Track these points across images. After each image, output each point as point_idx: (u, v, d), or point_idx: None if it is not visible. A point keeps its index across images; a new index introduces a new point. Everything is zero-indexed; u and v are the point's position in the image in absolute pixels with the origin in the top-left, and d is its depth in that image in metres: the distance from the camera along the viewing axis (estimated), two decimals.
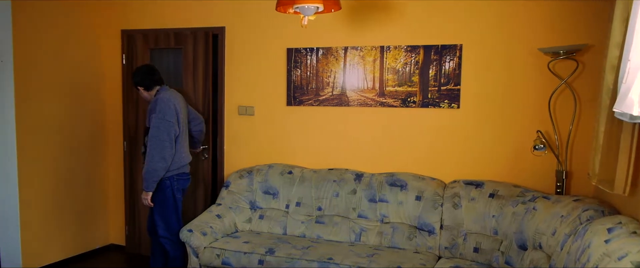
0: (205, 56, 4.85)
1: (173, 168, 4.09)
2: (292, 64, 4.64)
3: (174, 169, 4.10)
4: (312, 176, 4.43)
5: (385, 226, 4.13)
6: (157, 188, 4.09)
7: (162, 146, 3.97)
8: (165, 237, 4.15)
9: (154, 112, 3.99)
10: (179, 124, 4.07)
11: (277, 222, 4.39)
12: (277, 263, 3.79)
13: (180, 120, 4.10)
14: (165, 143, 3.97)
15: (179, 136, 4.09)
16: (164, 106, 4.00)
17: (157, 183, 4.05)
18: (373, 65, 4.41)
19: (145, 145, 4.12)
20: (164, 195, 4.12)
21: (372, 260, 3.66)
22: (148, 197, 4.06)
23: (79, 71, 5.00)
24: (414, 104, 4.31)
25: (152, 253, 4.35)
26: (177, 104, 4.09)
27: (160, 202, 4.13)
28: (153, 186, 4.04)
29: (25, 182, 4.53)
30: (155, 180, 4.02)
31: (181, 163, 4.14)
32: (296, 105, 4.66)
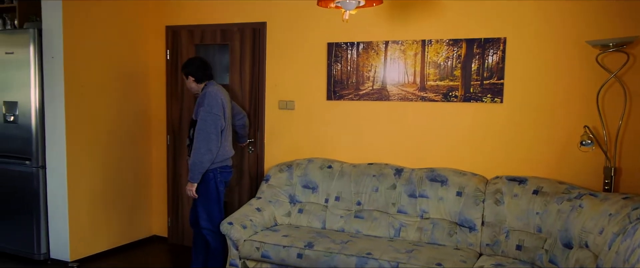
0: (252, 52, 4.83)
1: (217, 160, 4.08)
2: (333, 58, 4.57)
3: (218, 162, 4.09)
4: (351, 171, 4.36)
5: (425, 222, 4.02)
6: (201, 180, 4.09)
7: (209, 139, 3.97)
8: (207, 229, 4.15)
9: (203, 105, 4.00)
10: (224, 118, 4.07)
11: (316, 216, 4.33)
12: (315, 257, 3.73)
13: (226, 115, 4.10)
14: (211, 136, 3.97)
15: (224, 130, 4.09)
16: (211, 100, 4.01)
17: (202, 175, 4.06)
18: (414, 59, 4.30)
19: (190, 138, 4.12)
20: (207, 187, 4.12)
21: (411, 256, 3.56)
22: (193, 188, 4.06)
23: (124, 67, 5.04)
24: (456, 98, 4.18)
25: (193, 245, 4.35)
26: (223, 98, 4.09)
27: (203, 193, 4.12)
28: (198, 177, 4.04)
29: (73, 175, 4.60)
30: (200, 172, 4.02)
31: (225, 156, 4.13)
32: (336, 99, 4.58)
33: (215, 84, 4.22)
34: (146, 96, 5.31)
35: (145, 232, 5.42)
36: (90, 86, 4.71)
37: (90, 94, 4.71)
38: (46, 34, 4.55)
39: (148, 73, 5.31)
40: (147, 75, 5.31)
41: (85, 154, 4.70)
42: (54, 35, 4.50)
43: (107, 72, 4.86)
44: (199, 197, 4.14)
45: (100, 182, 4.86)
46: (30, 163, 4.66)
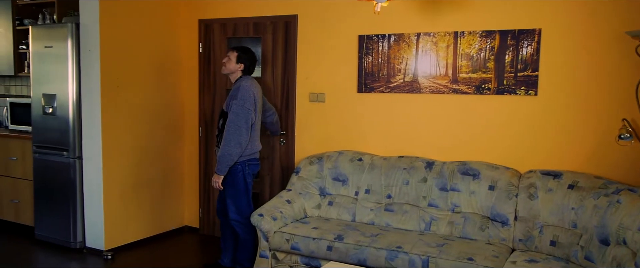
0: (284, 44, 4.78)
1: (246, 154, 4.04)
2: (364, 50, 4.47)
3: (247, 155, 4.05)
4: (382, 163, 4.26)
5: (456, 216, 3.90)
6: (229, 173, 4.06)
7: (239, 132, 3.93)
8: (236, 220, 4.11)
9: (235, 99, 3.96)
10: (255, 113, 4.03)
11: (346, 208, 4.25)
12: (345, 250, 3.66)
13: (257, 109, 4.06)
14: (242, 129, 3.93)
15: (254, 124, 4.05)
16: (245, 94, 3.97)
17: (229, 167, 4.02)
18: (446, 52, 4.17)
19: (220, 129, 4.10)
20: (235, 179, 4.08)
21: (442, 251, 3.46)
22: (219, 180, 4.04)
23: (158, 60, 5.04)
24: (489, 90, 4.04)
25: (222, 236, 4.34)
26: (255, 92, 4.05)
27: (232, 186, 4.09)
28: (225, 170, 4.01)
29: (108, 166, 4.61)
30: (228, 165, 3.98)
31: (253, 150, 4.10)
32: (367, 92, 4.49)
33: (251, 77, 4.18)
34: (179, 88, 5.30)
35: (177, 222, 5.42)
36: (125, 79, 4.72)
37: (125, 86, 4.72)
38: (83, 28, 4.57)
39: (181, 66, 5.30)
40: (180, 68, 5.30)
41: (119, 145, 4.71)
42: (91, 29, 4.52)
43: (141, 65, 4.86)
44: (228, 190, 4.11)
45: (134, 173, 4.87)
46: (68, 154, 4.70)
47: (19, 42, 5.69)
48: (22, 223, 5.24)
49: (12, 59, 5.70)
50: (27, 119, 5.23)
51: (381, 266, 3.52)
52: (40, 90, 4.85)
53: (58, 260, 4.53)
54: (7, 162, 5.29)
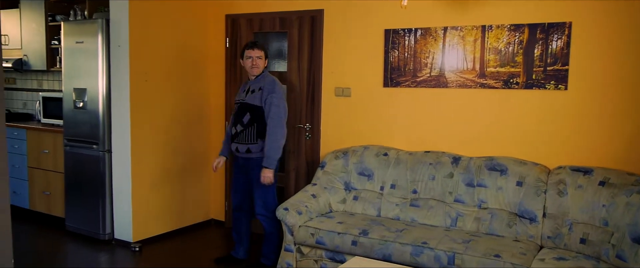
0: (310, 39, 4.73)
1: None
2: (390, 45, 4.39)
3: None
4: (407, 158, 4.17)
5: (483, 212, 3.80)
6: (255, 170, 4.02)
7: (282, 125, 3.96)
8: (263, 215, 4.09)
9: (274, 92, 3.95)
10: None
11: (371, 203, 4.17)
12: (370, 245, 3.59)
13: None
14: (283, 121, 3.96)
15: None
16: (280, 88, 3.99)
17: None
18: (473, 46, 4.06)
19: (244, 124, 4.06)
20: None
21: (468, 247, 3.36)
22: (271, 174, 3.97)
23: (185, 54, 5.03)
24: (517, 85, 3.92)
25: (235, 228, 4.34)
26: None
27: (260, 182, 4.03)
28: (275, 163, 3.98)
29: (136, 159, 4.62)
30: (277, 158, 3.97)
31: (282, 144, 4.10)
32: (393, 86, 4.40)
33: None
34: (206, 83, 5.28)
35: (203, 215, 5.41)
36: (153, 73, 4.72)
37: (153, 80, 4.72)
38: (113, 24, 4.58)
39: (208, 60, 5.28)
40: (207, 62, 5.28)
41: (147, 139, 4.72)
42: (121, 25, 4.52)
43: (169, 59, 4.86)
44: (256, 185, 4.06)
45: (162, 167, 4.88)
46: (98, 147, 4.72)
47: (51, 38, 5.74)
48: (53, 215, 5.29)
49: (45, 54, 5.76)
50: (59, 112, 5.28)
51: (406, 261, 3.44)
52: (71, 85, 4.88)
53: (88, 251, 4.56)
54: (39, 155, 5.35)
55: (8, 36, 6.02)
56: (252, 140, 4.04)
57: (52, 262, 4.36)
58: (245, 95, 4.10)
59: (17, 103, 6.58)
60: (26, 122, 5.80)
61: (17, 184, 5.50)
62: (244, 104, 4.08)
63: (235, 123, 4.13)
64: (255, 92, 4.04)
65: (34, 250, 4.63)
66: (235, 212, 4.33)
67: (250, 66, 4.07)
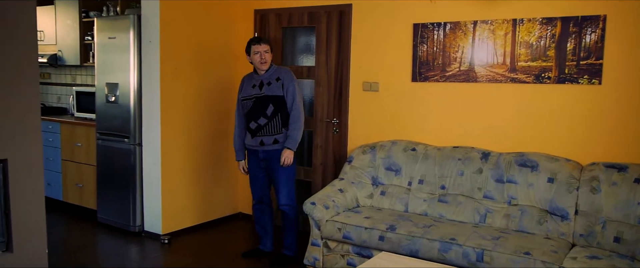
0: (338, 33, 4.67)
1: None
2: (418, 39, 4.30)
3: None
4: (436, 154, 4.09)
5: (512, 208, 3.69)
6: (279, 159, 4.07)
7: (303, 111, 4.07)
8: (288, 205, 4.13)
9: (293, 81, 4.05)
10: None
11: (399, 198, 4.10)
12: (397, 240, 3.52)
13: None
14: (303, 108, 4.08)
15: None
16: (295, 78, 4.08)
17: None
18: (504, 40, 3.95)
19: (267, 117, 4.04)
20: (293, 167, 4.15)
21: (497, 244, 3.27)
22: (292, 155, 4.07)
23: (214, 49, 5.02)
24: (549, 79, 3.80)
25: (258, 222, 4.35)
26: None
27: (287, 172, 4.12)
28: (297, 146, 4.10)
29: (166, 153, 4.64)
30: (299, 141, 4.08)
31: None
32: (421, 81, 4.32)
33: None
34: (234, 78, 5.26)
35: (231, 209, 5.40)
36: (183, 68, 4.72)
37: (182, 75, 4.72)
38: (145, 19, 4.59)
39: (236, 55, 5.26)
40: (236, 57, 5.25)
41: (177, 133, 4.72)
42: (152, 20, 4.54)
43: (198, 55, 4.85)
44: (281, 176, 4.10)
45: (191, 160, 4.88)
46: (129, 141, 4.75)
47: (85, 34, 5.80)
48: (85, 207, 5.35)
49: (79, 50, 5.83)
50: (92, 106, 5.33)
51: (434, 258, 3.37)
52: (103, 80, 4.92)
53: (118, 242, 4.60)
54: (72, 148, 5.42)
55: (43, 32, 6.11)
56: (278, 131, 4.05)
57: (83, 252, 4.41)
58: (261, 89, 4.08)
59: (52, 97, 6.68)
60: (60, 116, 5.89)
61: (51, 176, 5.58)
62: (264, 97, 4.06)
63: (256, 117, 4.09)
64: (272, 84, 4.05)
65: (67, 240, 4.69)
66: (257, 205, 4.32)
67: (259, 61, 4.07)
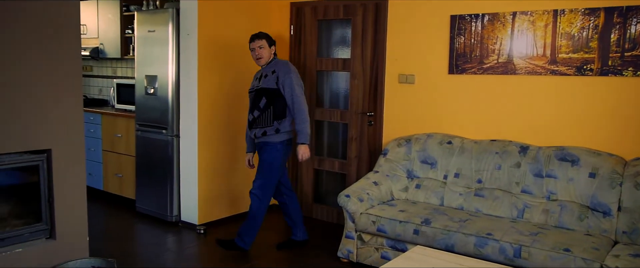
0: (374, 26, 4.60)
1: (288, 130, 4.01)
2: (456, 31, 4.19)
3: (287, 131, 4.02)
4: (472, 147, 3.99)
5: (552, 204, 3.57)
6: (266, 151, 4.01)
7: (305, 102, 3.98)
8: (255, 194, 4.04)
9: (290, 73, 3.95)
10: None
11: (434, 192, 4.02)
12: (432, 234, 3.45)
13: None
14: (304, 99, 3.98)
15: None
16: (294, 70, 4.01)
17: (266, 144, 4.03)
18: (544, 31, 3.82)
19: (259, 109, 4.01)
20: (271, 156, 4.01)
21: (536, 240, 3.16)
22: (307, 149, 4.02)
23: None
24: (591, 72, 3.66)
25: (286, 214, 4.32)
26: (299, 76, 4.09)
27: (268, 163, 4.01)
28: (309, 138, 4.01)
29: (203, 144, 4.65)
30: (309, 133, 4.01)
31: (290, 128, 4.04)
32: (458, 73, 4.21)
33: None
34: None
35: None
36: (219, 61, 4.72)
37: (218, 68, 4.72)
38: (183, 13, 4.61)
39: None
40: None
41: (213, 125, 4.73)
42: (190, 14, 4.55)
43: (235, 47, 4.85)
44: (263, 169, 4.02)
45: (227, 151, 4.89)
46: (167, 132, 4.78)
47: (126, 27, 5.87)
48: (125, 196, 5.43)
49: (119, 43, 5.91)
50: (131, 98, 5.40)
51: (470, 252, 3.28)
52: (143, 72, 4.97)
53: (156, 232, 4.64)
54: (113, 138, 5.50)
55: (86, 26, 6.21)
56: (269, 123, 3.99)
57: (122, 240, 4.47)
58: (259, 82, 4.06)
59: (94, 89, 6.80)
60: (101, 108, 5.98)
61: (92, 166, 5.68)
62: (259, 89, 4.03)
63: (252, 110, 4.08)
64: (268, 76, 4.01)
65: (107, 229, 4.76)
66: (276, 198, 4.30)
67: (255, 57, 4.10)
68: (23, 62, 3.01)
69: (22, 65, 3.01)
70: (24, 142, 3.06)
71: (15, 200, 3.21)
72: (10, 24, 2.95)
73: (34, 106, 3.08)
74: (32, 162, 3.12)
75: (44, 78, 3.10)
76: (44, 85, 3.11)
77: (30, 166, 3.14)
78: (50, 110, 3.16)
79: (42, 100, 3.11)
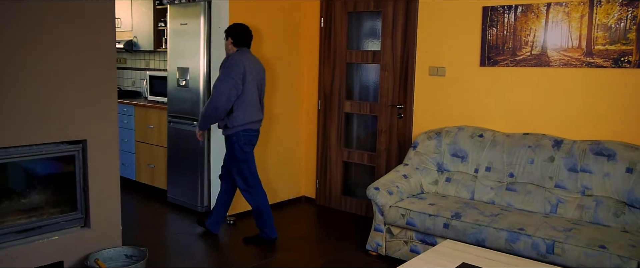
0: (404, 18, 4.53)
1: (238, 124, 3.96)
2: (488, 22, 4.10)
3: (239, 125, 3.97)
4: (504, 140, 3.90)
5: (586, 199, 3.46)
6: (227, 145, 4.08)
7: (219, 98, 3.88)
8: (242, 189, 4.10)
9: (223, 68, 3.94)
10: (245, 83, 3.92)
11: (465, 186, 3.94)
12: (463, 228, 3.38)
13: (248, 81, 3.93)
14: (222, 96, 3.87)
15: (245, 95, 3.94)
16: (233, 63, 3.93)
17: (209, 126, 4.16)
18: (579, 22, 3.70)
19: None
20: (232, 150, 4.05)
21: (569, 235, 3.07)
22: (198, 132, 4.17)
23: (281, 34, 4.98)
24: (629, 64, 3.53)
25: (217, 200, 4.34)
26: (247, 65, 3.94)
27: (231, 157, 4.08)
28: (205, 126, 4.11)
29: None
30: (205, 123, 4.06)
31: (248, 120, 3.99)
32: (490, 65, 4.12)
33: (245, 51, 4.07)
34: (300, 62, 5.22)
35: (295, 192, 5.39)
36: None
37: None
38: (215, 6, 4.61)
39: (303, 41, 5.21)
40: (302, 43, 5.21)
41: None
42: (221, 7, 4.54)
43: (265, 39, 4.83)
44: (230, 161, 4.11)
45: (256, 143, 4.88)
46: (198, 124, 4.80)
47: (158, 20, 5.91)
48: (156, 187, 5.47)
49: (152, 36, 5.95)
50: (163, 90, 5.43)
51: (501, 248, 3.20)
52: (175, 64, 4.99)
53: (186, 222, 4.67)
54: (145, 130, 5.55)
55: (120, 19, 6.28)
56: (224, 118, 4.01)
57: (154, 230, 4.51)
58: None
59: (127, 81, 6.88)
60: (134, 99, 6.04)
61: (125, 157, 5.75)
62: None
63: None
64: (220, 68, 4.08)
65: (139, 218, 4.81)
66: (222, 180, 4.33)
67: None
68: (60, 55, 3.05)
69: (59, 58, 3.05)
70: (61, 132, 3.11)
71: (52, 189, 3.27)
72: (48, 18, 2.99)
73: (71, 98, 3.12)
74: (68, 152, 3.17)
75: (80, 70, 3.14)
76: (80, 77, 3.15)
77: (67, 156, 3.19)
78: (86, 102, 3.19)
79: (79, 92, 3.15)
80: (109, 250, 3.26)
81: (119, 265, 3.24)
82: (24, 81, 2.93)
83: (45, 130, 3.03)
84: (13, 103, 2.89)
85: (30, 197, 3.18)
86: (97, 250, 3.23)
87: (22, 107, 2.92)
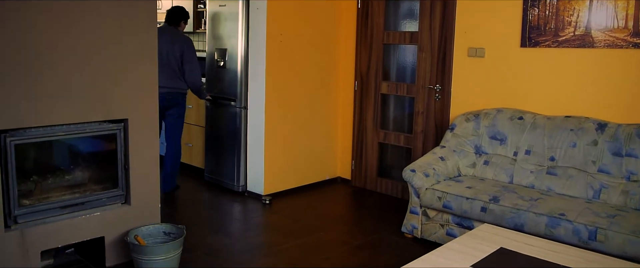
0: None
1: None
2: (529, 2, 3.92)
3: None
4: (545, 123, 3.74)
5: (632, 185, 3.29)
6: None
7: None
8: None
9: None
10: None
11: (503, 169, 3.81)
12: (501, 212, 3.27)
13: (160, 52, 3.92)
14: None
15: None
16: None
17: None
18: (626, 1, 3.49)
19: None
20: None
21: (613, 222, 2.93)
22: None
23: (318, 16, 4.89)
24: None
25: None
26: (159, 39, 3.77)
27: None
28: None
29: (270, 116, 4.62)
30: None
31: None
32: (531, 46, 3.95)
33: (166, 28, 4.66)
34: (336, 43, 5.13)
35: (330, 173, 5.32)
36: (287, 34, 4.64)
37: (287, 41, 4.65)
38: None
39: (340, 22, 5.11)
40: (339, 23, 5.10)
41: (281, 98, 4.68)
42: None
43: (302, 21, 4.75)
44: None
45: (293, 124, 4.83)
46: (235, 104, 4.78)
47: (198, 2, 5.90)
48: (194, 165, 5.50)
49: (192, 17, 5.95)
50: (203, 71, 5.43)
51: (540, 233, 3.08)
52: (214, 46, 4.97)
53: (223, 201, 4.68)
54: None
55: (161, 1, 6.29)
56: None
57: (191, 208, 4.53)
58: None
59: None
60: None
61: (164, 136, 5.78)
62: None
63: None
64: None
65: (177, 196, 4.85)
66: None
67: None
68: (103, 36, 3.04)
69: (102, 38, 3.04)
70: (104, 111, 3.12)
71: (95, 166, 3.29)
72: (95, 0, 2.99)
73: (113, 78, 3.12)
74: (110, 131, 3.18)
75: (121, 50, 3.14)
76: (122, 57, 3.15)
77: (109, 134, 3.20)
78: (128, 82, 3.19)
79: (120, 72, 3.15)
80: (148, 226, 3.28)
81: (157, 241, 3.25)
82: (71, 61, 2.94)
83: (89, 109, 3.05)
84: (60, 82, 2.90)
85: (74, 174, 3.21)
86: (137, 227, 3.25)
87: (68, 86, 2.94)
